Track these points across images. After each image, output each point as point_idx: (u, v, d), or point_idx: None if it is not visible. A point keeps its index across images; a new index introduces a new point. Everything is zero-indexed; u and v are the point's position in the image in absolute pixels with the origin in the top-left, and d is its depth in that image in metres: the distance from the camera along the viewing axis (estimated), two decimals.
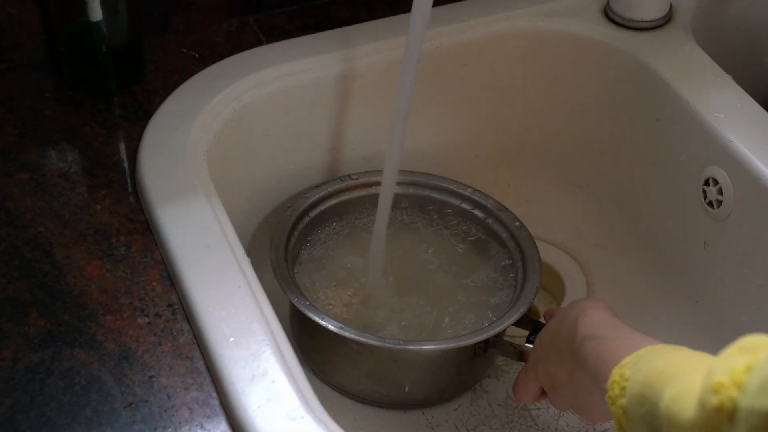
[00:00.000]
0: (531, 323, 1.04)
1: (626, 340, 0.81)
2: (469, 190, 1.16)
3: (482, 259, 1.13)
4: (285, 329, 0.90)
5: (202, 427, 0.83)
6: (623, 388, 0.72)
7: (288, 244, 1.08)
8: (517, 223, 1.13)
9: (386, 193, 1.05)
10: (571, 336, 0.88)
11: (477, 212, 1.15)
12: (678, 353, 0.73)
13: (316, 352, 1.08)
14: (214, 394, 0.85)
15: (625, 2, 1.18)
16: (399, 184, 1.12)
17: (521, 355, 1.02)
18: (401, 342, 1.02)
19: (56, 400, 0.85)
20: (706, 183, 1.09)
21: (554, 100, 1.24)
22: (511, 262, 1.12)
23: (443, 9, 1.19)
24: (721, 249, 1.10)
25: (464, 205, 1.16)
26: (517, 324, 1.03)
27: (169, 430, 0.83)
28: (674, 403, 0.64)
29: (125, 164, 1.05)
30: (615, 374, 0.74)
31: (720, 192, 1.08)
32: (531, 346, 1.01)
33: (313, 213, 1.13)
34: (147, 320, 0.91)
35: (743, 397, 0.57)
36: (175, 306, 0.92)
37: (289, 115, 1.14)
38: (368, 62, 1.15)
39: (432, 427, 1.09)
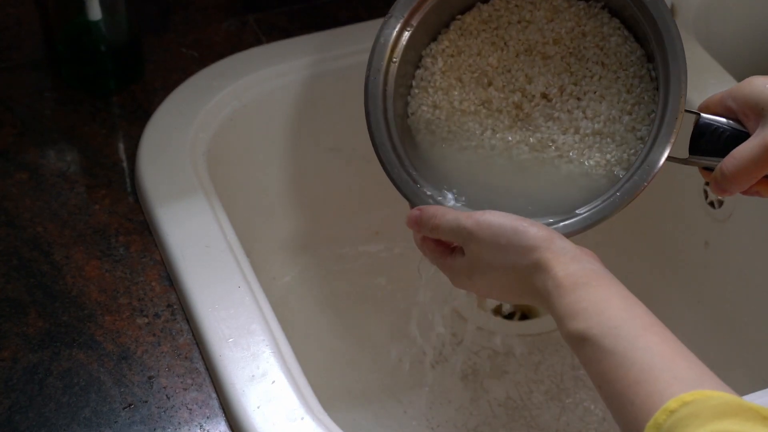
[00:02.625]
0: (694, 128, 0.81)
1: (650, 365, 0.65)
2: None
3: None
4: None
5: (201, 427, 0.83)
6: None
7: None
8: None
9: None
10: (543, 294, 0.73)
11: None
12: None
13: None
14: (214, 395, 0.85)
15: None
16: None
17: (686, 161, 0.82)
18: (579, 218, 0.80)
19: (55, 401, 0.85)
20: (708, 183, 1.09)
21: None
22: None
23: None
24: (722, 249, 1.10)
25: None
26: None
27: (169, 430, 0.83)
28: None
29: (124, 164, 1.04)
30: None
31: None
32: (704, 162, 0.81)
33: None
34: (146, 320, 0.91)
35: None
36: (175, 306, 0.92)
37: (288, 114, 1.14)
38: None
39: (432, 428, 1.09)
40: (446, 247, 0.81)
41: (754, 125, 0.78)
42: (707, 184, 1.09)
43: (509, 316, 1.22)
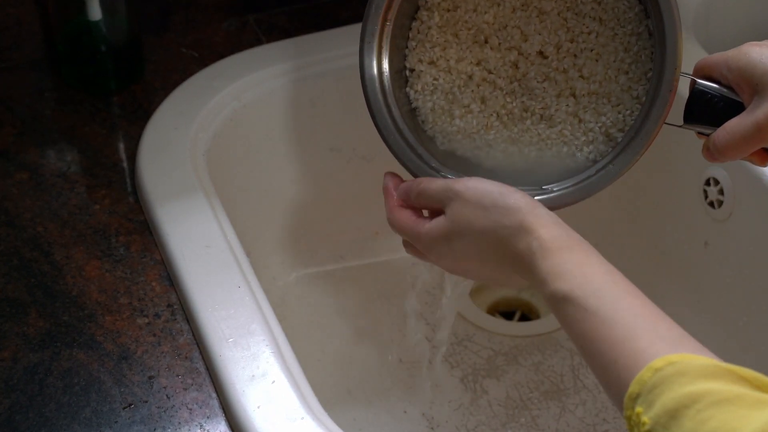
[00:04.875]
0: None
1: (626, 324, 0.67)
2: None
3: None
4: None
5: (201, 427, 0.83)
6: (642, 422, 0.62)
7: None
8: None
9: None
10: (523, 259, 0.74)
11: None
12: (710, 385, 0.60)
13: None
14: (214, 395, 0.85)
15: None
16: None
17: (681, 127, 0.83)
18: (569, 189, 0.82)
19: (55, 401, 0.85)
20: (707, 183, 1.09)
21: None
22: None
23: None
24: (721, 249, 1.10)
25: None
26: None
27: (169, 430, 0.83)
28: None
29: (124, 164, 1.04)
30: (628, 406, 0.62)
31: (721, 192, 1.07)
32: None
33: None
34: (146, 320, 0.91)
35: None
36: (175, 306, 0.92)
37: (288, 114, 1.14)
38: None
39: (432, 428, 1.09)
40: (420, 215, 0.81)
41: (748, 98, 0.78)
42: (707, 183, 1.09)
43: (509, 316, 1.22)
